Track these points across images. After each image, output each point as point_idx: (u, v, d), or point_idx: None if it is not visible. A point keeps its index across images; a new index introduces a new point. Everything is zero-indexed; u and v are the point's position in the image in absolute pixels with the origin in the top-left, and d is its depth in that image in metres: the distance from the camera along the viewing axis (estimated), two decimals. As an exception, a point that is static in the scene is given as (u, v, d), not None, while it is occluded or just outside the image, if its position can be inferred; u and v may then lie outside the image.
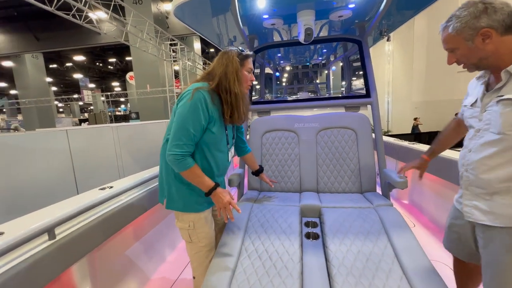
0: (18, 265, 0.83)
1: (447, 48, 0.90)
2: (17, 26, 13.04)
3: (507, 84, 0.81)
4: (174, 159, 1.04)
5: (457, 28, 0.83)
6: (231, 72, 1.11)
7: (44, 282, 0.90)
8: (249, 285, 1.01)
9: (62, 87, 25.19)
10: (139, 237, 1.65)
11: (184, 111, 1.05)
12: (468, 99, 0.99)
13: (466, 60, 0.88)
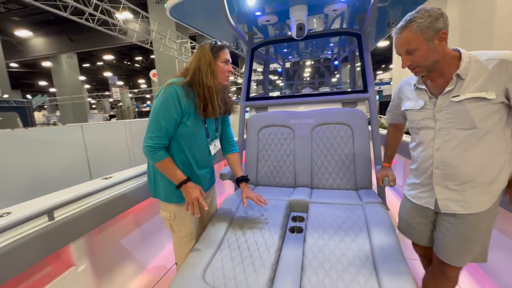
0: (20, 239, 0.97)
1: (408, 49, 0.92)
2: (54, 29, 14.19)
3: (457, 86, 0.92)
4: (148, 150, 1.11)
5: (422, 27, 0.87)
6: (203, 65, 1.13)
7: (43, 255, 1.04)
8: (222, 272, 1.07)
9: (94, 84, 27.02)
10: (137, 225, 1.78)
11: (157, 106, 1.11)
12: (411, 103, 1.06)
13: (423, 62, 0.92)
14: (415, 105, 1.04)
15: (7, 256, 0.91)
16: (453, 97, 0.92)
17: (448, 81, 0.93)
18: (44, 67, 18.14)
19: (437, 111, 0.97)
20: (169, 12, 1.61)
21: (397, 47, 0.95)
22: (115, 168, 1.81)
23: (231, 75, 1.32)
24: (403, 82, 1.15)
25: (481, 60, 0.90)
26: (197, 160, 1.26)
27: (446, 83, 0.94)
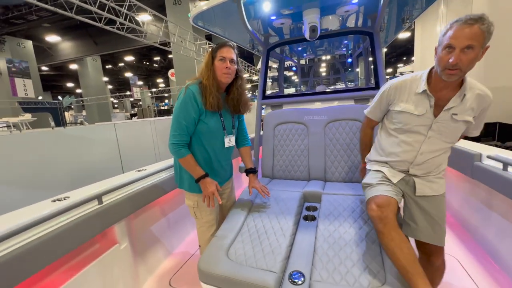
0: (77, 219, 1.17)
1: (469, 45, 0.87)
2: (80, 33, 15.06)
3: (458, 105, 1.02)
4: (172, 147, 1.27)
5: (488, 31, 0.86)
6: (204, 66, 1.29)
7: (94, 233, 1.24)
8: (243, 251, 1.23)
9: (116, 85, 28.32)
10: (166, 213, 1.99)
11: (177, 107, 1.26)
12: (410, 107, 1.09)
13: (468, 64, 0.91)
14: (414, 110, 1.08)
15: (69, 231, 1.12)
16: (453, 115, 1.02)
17: (451, 96, 1.02)
18: (71, 70, 19.32)
19: (434, 121, 1.06)
20: (192, 20, 1.76)
21: (459, 38, 0.88)
22: (143, 162, 2.02)
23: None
24: (399, 82, 1.14)
25: (476, 88, 1.02)
26: (216, 154, 1.40)
27: (448, 96, 1.02)
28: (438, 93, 1.04)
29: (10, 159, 1.85)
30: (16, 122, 9.30)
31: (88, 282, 1.24)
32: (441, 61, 0.95)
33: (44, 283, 1.11)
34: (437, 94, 1.04)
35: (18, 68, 12.11)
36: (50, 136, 2.27)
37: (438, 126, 1.06)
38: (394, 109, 1.15)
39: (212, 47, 1.32)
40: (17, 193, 1.80)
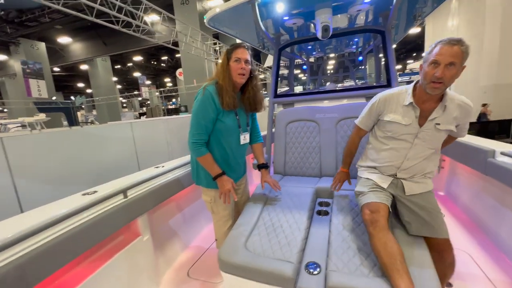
0: (105, 212, 1.25)
1: (451, 61, 1.02)
2: (90, 34, 15.38)
3: (440, 115, 1.16)
4: (193, 146, 1.33)
5: (466, 52, 1.03)
6: (220, 67, 1.35)
7: (120, 225, 1.33)
8: (260, 243, 1.29)
9: (125, 84, 28.78)
10: (183, 208, 2.07)
11: (196, 107, 1.32)
12: (398, 117, 1.23)
13: (450, 79, 1.05)
14: (401, 120, 1.21)
15: (98, 223, 1.20)
16: (437, 124, 1.17)
17: (434, 108, 1.16)
18: (82, 70, 19.75)
19: (421, 131, 1.19)
20: (207, 22, 1.83)
21: (444, 55, 1.03)
22: (157, 160, 2.10)
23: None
24: (387, 95, 1.26)
25: (455, 99, 1.15)
26: (232, 151, 1.46)
27: (431, 108, 1.16)
28: (422, 105, 1.18)
29: (37, 157, 1.97)
30: (32, 122, 9.62)
31: (115, 271, 1.32)
32: (427, 75, 1.08)
33: (76, 271, 1.20)
34: (421, 106, 1.18)
35: (32, 69, 12.49)
36: (70, 134, 2.38)
37: (423, 134, 1.19)
38: (384, 119, 1.27)
39: (227, 49, 1.38)
40: (46, 188, 1.91)
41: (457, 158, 2.14)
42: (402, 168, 1.26)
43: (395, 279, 0.92)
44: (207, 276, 1.69)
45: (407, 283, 0.90)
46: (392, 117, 1.23)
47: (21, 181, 1.71)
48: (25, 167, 1.82)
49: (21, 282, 0.85)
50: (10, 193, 1.67)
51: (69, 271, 1.19)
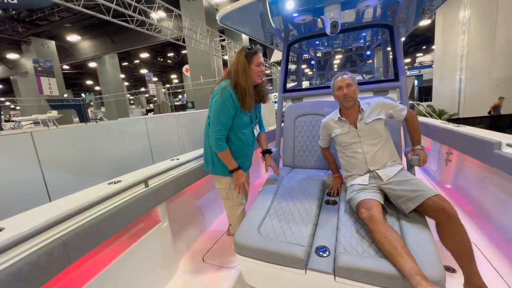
0: (128, 200, 1.35)
1: (348, 84, 1.58)
2: (98, 32, 15.58)
3: (362, 116, 1.61)
4: (215, 142, 1.48)
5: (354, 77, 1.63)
6: (240, 70, 1.47)
7: (142, 213, 1.43)
8: (273, 229, 1.37)
9: (132, 81, 29.12)
10: (197, 198, 2.18)
11: (217, 106, 1.47)
12: (339, 131, 1.68)
13: (354, 95, 1.59)
14: (341, 131, 1.66)
15: (123, 210, 1.30)
16: (365, 122, 1.59)
17: (356, 114, 1.63)
18: (91, 68, 20.08)
19: (358, 131, 1.60)
20: (220, 21, 1.89)
21: (343, 81, 1.59)
22: (170, 153, 2.20)
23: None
24: (325, 122, 1.77)
25: (369, 102, 1.66)
26: (248, 141, 1.64)
27: (355, 115, 1.63)
28: (349, 117, 1.66)
29: (60, 150, 2.10)
30: (44, 119, 9.92)
31: (138, 255, 1.43)
32: (338, 98, 1.63)
33: (103, 254, 1.31)
34: (348, 118, 1.66)
35: (43, 67, 12.79)
36: (87, 130, 2.51)
37: (362, 132, 1.60)
38: (332, 136, 1.75)
39: (246, 52, 1.51)
40: (69, 179, 2.04)
41: (464, 150, 2.17)
42: (369, 162, 1.57)
43: (399, 263, 1.00)
44: (221, 261, 1.79)
45: (411, 264, 0.99)
46: (337, 132, 1.69)
47: (48, 172, 1.85)
48: (50, 160, 1.96)
49: (65, 257, 0.96)
50: (40, 183, 1.81)
51: (98, 253, 1.30)
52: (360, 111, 1.63)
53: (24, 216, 1.01)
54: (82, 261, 1.17)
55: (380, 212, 1.25)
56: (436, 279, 0.96)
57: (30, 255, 0.85)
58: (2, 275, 0.76)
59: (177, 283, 1.62)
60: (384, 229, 1.14)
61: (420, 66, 21.92)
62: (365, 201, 1.34)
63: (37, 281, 0.85)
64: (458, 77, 9.78)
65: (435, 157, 3.03)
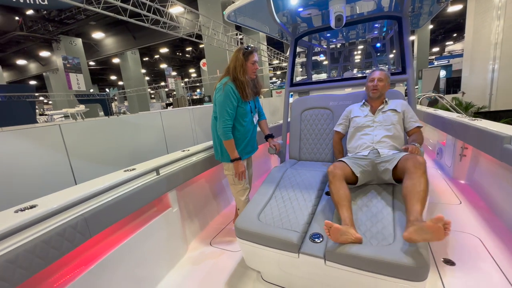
0: (141, 186, 1.50)
1: (380, 78, 1.81)
2: (120, 29, 16.21)
3: (384, 107, 1.83)
4: (223, 131, 1.67)
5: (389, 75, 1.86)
6: (238, 66, 1.69)
7: (154, 198, 1.58)
8: (272, 215, 1.47)
9: (152, 76, 30.08)
10: (207, 186, 2.32)
11: (221, 100, 1.66)
12: (357, 113, 1.89)
13: (381, 89, 1.82)
14: (360, 114, 1.88)
15: (136, 195, 1.45)
16: (382, 111, 1.82)
17: (379, 105, 1.86)
18: (114, 63, 21.01)
19: (375, 117, 1.82)
20: (227, 17, 1.97)
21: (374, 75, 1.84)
22: (184, 145, 2.35)
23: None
24: (350, 106, 2.01)
25: (392, 100, 1.88)
26: (250, 128, 1.85)
27: (377, 106, 1.86)
28: (371, 105, 1.88)
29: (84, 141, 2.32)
30: (73, 112, 10.65)
31: (150, 235, 1.59)
32: (367, 87, 1.88)
33: (120, 232, 1.47)
34: (371, 105, 1.89)
35: (72, 64, 13.60)
36: (108, 123, 2.73)
37: (378, 119, 1.80)
38: (350, 117, 1.94)
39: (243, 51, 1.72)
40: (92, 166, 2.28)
41: (477, 145, 2.10)
42: (375, 143, 1.72)
43: (340, 212, 1.29)
44: (226, 245, 1.92)
45: (349, 214, 1.27)
46: (355, 114, 1.91)
47: (74, 160, 2.09)
48: (76, 149, 2.20)
49: (86, 231, 1.12)
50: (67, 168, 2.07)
51: (114, 232, 1.47)
52: (384, 102, 1.85)
53: (54, 195, 1.19)
54: (100, 237, 1.34)
55: (343, 174, 1.47)
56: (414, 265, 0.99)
57: (58, 227, 1.02)
58: (37, 241, 0.93)
59: (185, 263, 1.77)
60: (339, 184, 1.40)
61: (449, 55, 20.46)
62: (339, 163, 1.57)
63: (63, 249, 1.02)
64: (491, 66, 9.01)
65: (449, 152, 2.94)
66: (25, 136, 2.01)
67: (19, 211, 1.03)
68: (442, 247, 1.67)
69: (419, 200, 1.16)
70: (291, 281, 1.45)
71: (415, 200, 1.16)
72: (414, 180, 1.23)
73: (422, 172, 1.25)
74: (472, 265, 1.49)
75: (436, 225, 0.96)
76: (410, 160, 1.33)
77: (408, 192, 1.21)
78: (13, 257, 0.85)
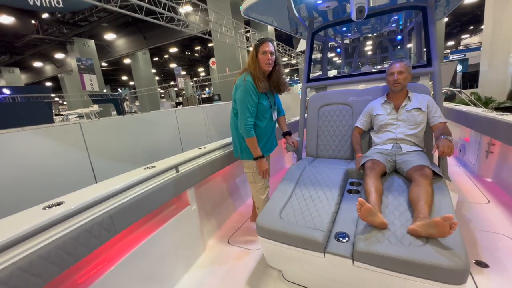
0: (161, 183, 1.49)
1: (400, 71, 1.73)
2: (131, 30, 16.47)
3: (407, 103, 1.79)
4: (245, 129, 1.63)
5: (409, 65, 1.76)
6: (250, 59, 1.69)
7: (173, 195, 1.57)
8: (294, 214, 1.43)
9: (162, 76, 30.46)
10: (225, 183, 2.31)
11: (242, 97, 1.63)
12: (382, 111, 1.86)
13: (403, 82, 1.74)
14: (383, 112, 1.85)
15: (156, 192, 1.44)
16: (407, 109, 1.77)
17: (402, 100, 1.81)
18: (125, 64, 21.39)
19: (398, 115, 1.80)
20: (244, 13, 1.93)
21: (394, 68, 1.75)
22: (198, 142, 2.34)
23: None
24: (372, 103, 1.96)
25: (415, 94, 1.81)
26: (270, 125, 1.82)
27: (400, 101, 1.81)
28: (394, 100, 1.84)
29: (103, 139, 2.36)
30: (87, 112, 10.91)
31: (170, 233, 1.59)
32: (389, 82, 1.81)
33: (139, 232, 1.47)
34: (393, 101, 1.84)
35: (85, 65, 13.94)
36: (125, 121, 2.77)
37: (401, 117, 1.78)
38: (373, 114, 1.91)
39: (254, 44, 1.69)
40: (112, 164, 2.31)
41: (508, 141, 1.99)
42: (398, 139, 1.76)
43: (370, 199, 1.35)
44: (245, 243, 1.90)
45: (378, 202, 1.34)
46: (377, 111, 1.88)
47: (94, 157, 2.13)
48: (95, 146, 2.24)
49: (111, 228, 1.12)
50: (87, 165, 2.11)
51: (137, 229, 1.47)
52: (408, 98, 1.80)
53: (79, 192, 1.19)
54: (122, 235, 1.34)
55: (381, 171, 1.55)
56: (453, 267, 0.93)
57: (85, 224, 1.02)
58: (66, 238, 0.93)
59: (204, 262, 1.77)
60: (375, 180, 1.45)
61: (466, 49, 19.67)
62: (375, 159, 1.62)
63: (91, 246, 1.02)
64: (512, 60, 8.63)
65: (474, 149, 2.81)
66: (46, 134, 2.05)
67: (47, 208, 1.03)
68: (473, 248, 1.59)
69: (426, 202, 1.25)
70: (313, 281, 1.41)
71: (423, 201, 1.25)
72: (421, 187, 1.34)
73: (429, 182, 1.37)
74: (507, 267, 1.41)
75: (443, 222, 1.02)
76: (419, 172, 1.44)
77: (416, 195, 1.31)
78: (45, 253, 0.85)
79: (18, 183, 1.86)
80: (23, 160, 1.89)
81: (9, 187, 1.80)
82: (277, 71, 1.77)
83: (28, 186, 1.86)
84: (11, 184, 1.81)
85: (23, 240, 0.83)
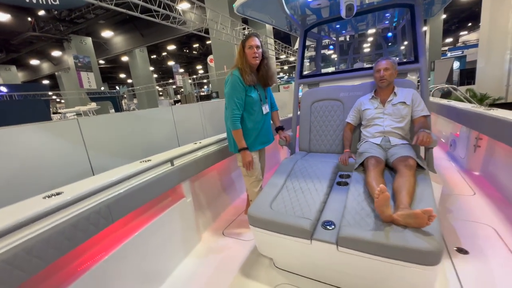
0: (156, 176, 1.55)
1: (386, 68, 1.83)
2: (128, 27, 16.39)
3: (393, 98, 1.89)
4: (232, 121, 1.71)
5: (395, 62, 1.86)
6: (238, 54, 1.77)
7: (168, 187, 1.63)
8: (284, 204, 1.49)
9: (160, 73, 30.35)
10: (219, 177, 2.37)
11: (229, 91, 1.71)
12: (369, 106, 1.96)
13: (389, 78, 1.84)
14: (371, 107, 1.95)
15: (152, 184, 1.50)
16: (392, 104, 1.87)
17: (388, 95, 1.91)
18: (123, 62, 21.31)
19: (385, 109, 1.90)
20: (236, 10, 1.98)
21: (381, 65, 1.85)
22: (194, 139, 2.40)
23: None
24: (360, 99, 2.05)
25: (401, 89, 1.91)
26: (260, 119, 1.86)
27: (387, 96, 1.91)
28: (381, 96, 1.94)
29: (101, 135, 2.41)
30: (85, 110, 10.91)
31: (164, 225, 1.65)
32: (375, 78, 1.91)
33: (135, 222, 1.53)
34: (380, 96, 1.94)
35: (82, 62, 13.90)
36: (123, 117, 2.82)
37: (388, 111, 1.88)
38: (362, 109, 2.00)
39: (242, 39, 1.75)
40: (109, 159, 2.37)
41: (493, 135, 2.06)
42: (386, 132, 1.85)
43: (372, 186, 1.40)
44: (239, 235, 1.97)
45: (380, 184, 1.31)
46: (365, 106, 1.98)
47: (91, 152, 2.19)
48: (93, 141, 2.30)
49: (108, 216, 1.18)
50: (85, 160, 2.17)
51: (133, 219, 1.53)
52: (394, 93, 1.90)
53: (77, 184, 1.25)
54: (118, 225, 1.40)
55: (382, 170, 1.61)
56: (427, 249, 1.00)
57: (84, 212, 1.08)
58: (65, 224, 0.99)
59: (199, 252, 1.83)
60: (379, 177, 1.49)
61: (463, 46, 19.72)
62: (377, 157, 1.66)
63: (89, 232, 1.08)
64: (508, 56, 8.66)
65: (463, 143, 2.88)
66: (45, 130, 2.10)
67: (47, 197, 1.09)
68: (455, 236, 1.66)
69: (408, 193, 1.31)
70: (303, 268, 1.48)
71: (405, 192, 1.31)
72: (404, 178, 1.40)
73: (412, 173, 1.44)
74: (486, 253, 1.49)
75: (423, 214, 1.07)
76: (403, 162, 1.52)
77: (399, 185, 1.37)
78: (46, 238, 0.91)
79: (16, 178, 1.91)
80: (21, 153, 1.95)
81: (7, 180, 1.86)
82: (265, 65, 1.84)
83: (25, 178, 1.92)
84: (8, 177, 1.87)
85: (25, 225, 0.89)
